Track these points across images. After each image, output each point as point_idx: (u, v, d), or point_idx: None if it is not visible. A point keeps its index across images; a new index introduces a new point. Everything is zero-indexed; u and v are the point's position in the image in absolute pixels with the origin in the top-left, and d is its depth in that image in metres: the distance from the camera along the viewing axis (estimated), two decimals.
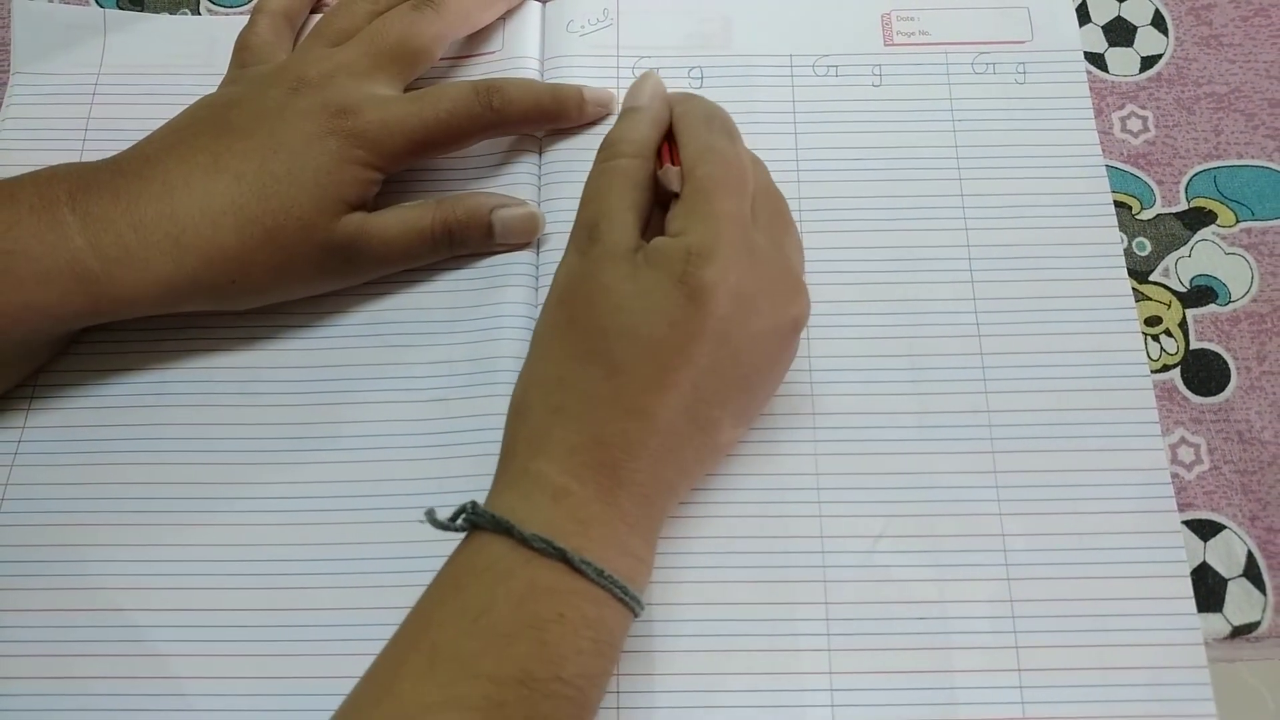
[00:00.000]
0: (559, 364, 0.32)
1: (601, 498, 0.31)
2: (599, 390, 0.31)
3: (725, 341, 0.32)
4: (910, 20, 0.44)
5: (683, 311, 0.31)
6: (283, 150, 0.37)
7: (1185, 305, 0.40)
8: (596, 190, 0.35)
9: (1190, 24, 0.45)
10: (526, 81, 0.41)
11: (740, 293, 0.32)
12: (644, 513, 0.32)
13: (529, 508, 0.30)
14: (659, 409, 0.31)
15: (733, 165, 0.34)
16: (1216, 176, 0.42)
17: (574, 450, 0.31)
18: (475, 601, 0.29)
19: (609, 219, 0.33)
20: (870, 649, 0.35)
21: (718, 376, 0.32)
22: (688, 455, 0.32)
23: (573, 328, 0.33)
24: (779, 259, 0.34)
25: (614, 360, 0.31)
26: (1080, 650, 0.35)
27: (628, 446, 0.31)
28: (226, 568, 0.36)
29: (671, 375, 0.31)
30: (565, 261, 0.34)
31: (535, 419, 0.32)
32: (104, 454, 0.38)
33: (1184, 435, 0.39)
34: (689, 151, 0.34)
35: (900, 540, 0.36)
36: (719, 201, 0.33)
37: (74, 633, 0.36)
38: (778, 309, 0.33)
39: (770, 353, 0.34)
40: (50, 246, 0.34)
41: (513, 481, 0.32)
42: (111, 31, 0.45)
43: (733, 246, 0.32)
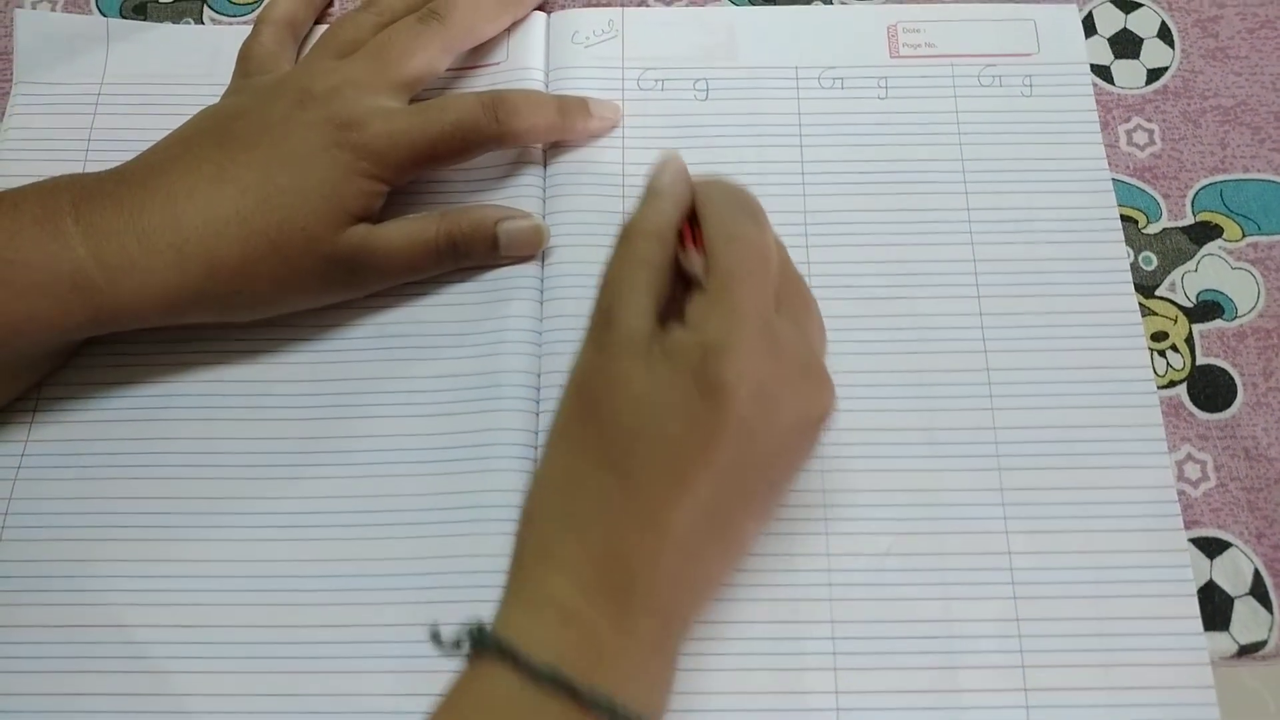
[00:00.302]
0: (571, 466, 0.31)
1: (615, 618, 0.29)
2: (612, 498, 0.30)
3: (747, 442, 0.30)
4: (916, 32, 0.44)
5: (700, 412, 0.29)
6: (288, 162, 0.36)
7: (1192, 320, 0.40)
8: (613, 276, 0.33)
9: (1196, 36, 0.45)
10: (532, 93, 0.41)
11: (762, 390, 0.30)
12: (663, 629, 0.30)
13: (538, 631, 0.29)
14: (676, 518, 0.29)
15: (758, 253, 0.32)
16: (1223, 190, 0.42)
17: (587, 565, 0.29)
18: None
19: (625, 306, 0.32)
20: (877, 668, 0.35)
21: (740, 479, 0.30)
22: (709, 563, 0.31)
23: (586, 426, 0.31)
24: (803, 350, 0.32)
25: (628, 465, 0.30)
26: (1086, 670, 0.35)
27: (644, 560, 0.29)
28: (230, 583, 0.36)
29: (689, 480, 0.29)
30: (581, 351, 0.33)
31: (546, 527, 0.31)
32: (108, 468, 0.38)
33: (1190, 452, 0.38)
34: (713, 237, 0.32)
35: (907, 558, 0.36)
36: (740, 293, 0.31)
37: (77, 649, 0.35)
38: (802, 404, 0.31)
39: (795, 449, 0.32)
40: (53, 256, 0.34)
41: (521, 599, 0.30)
42: (115, 41, 0.44)
43: (753, 341, 0.30)
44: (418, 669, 0.35)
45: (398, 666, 0.35)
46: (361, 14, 0.41)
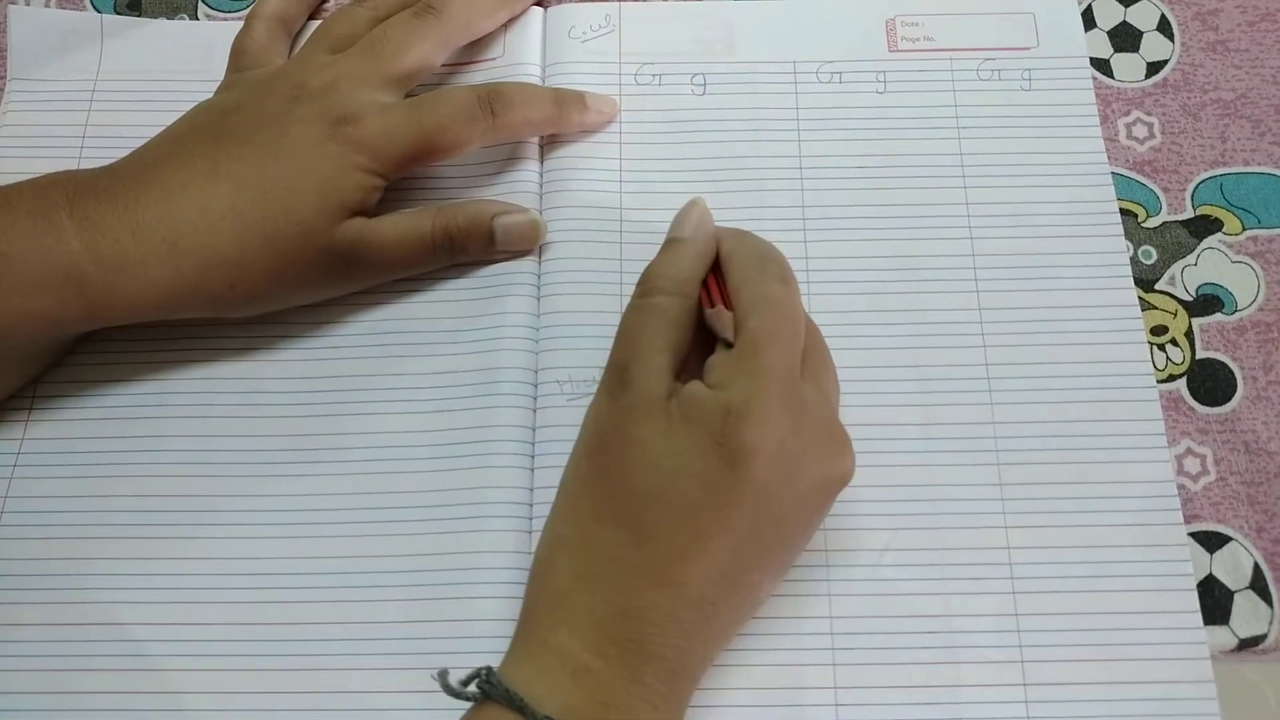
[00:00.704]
0: (585, 524, 0.31)
1: (625, 677, 0.29)
2: (627, 557, 0.30)
3: (765, 506, 0.30)
4: (915, 26, 0.44)
5: (719, 476, 0.29)
6: (283, 156, 0.36)
7: (1191, 314, 0.40)
8: (631, 329, 0.33)
9: (1196, 29, 0.45)
10: (528, 86, 0.41)
11: (783, 455, 0.30)
12: (671, 689, 0.30)
13: (546, 684, 0.29)
14: (692, 579, 0.29)
15: (787, 317, 0.32)
16: (1223, 184, 0.42)
17: (599, 623, 0.29)
18: None
19: (641, 362, 0.32)
20: (876, 663, 0.35)
21: (757, 542, 0.30)
22: (723, 622, 0.31)
23: (602, 484, 0.31)
24: (825, 414, 0.32)
25: (644, 525, 0.30)
26: (1086, 664, 0.35)
27: (657, 620, 0.29)
28: (226, 580, 0.36)
29: (706, 543, 0.29)
30: (595, 405, 0.33)
31: (558, 583, 0.31)
32: (104, 465, 0.38)
33: (1190, 446, 0.38)
34: (741, 298, 0.32)
35: (905, 553, 0.36)
36: (768, 356, 0.31)
37: (73, 646, 0.35)
38: (822, 468, 0.31)
39: (813, 510, 0.32)
40: (47, 250, 0.34)
41: (532, 652, 0.30)
42: (109, 37, 0.44)
43: (777, 406, 0.30)
44: (414, 666, 0.35)
45: (394, 664, 0.35)
46: (356, 8, 0.41)
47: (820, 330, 0.35)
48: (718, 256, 0.34)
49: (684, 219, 0.35)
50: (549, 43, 0.43)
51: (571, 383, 0.38)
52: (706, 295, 0.34)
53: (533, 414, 0.38)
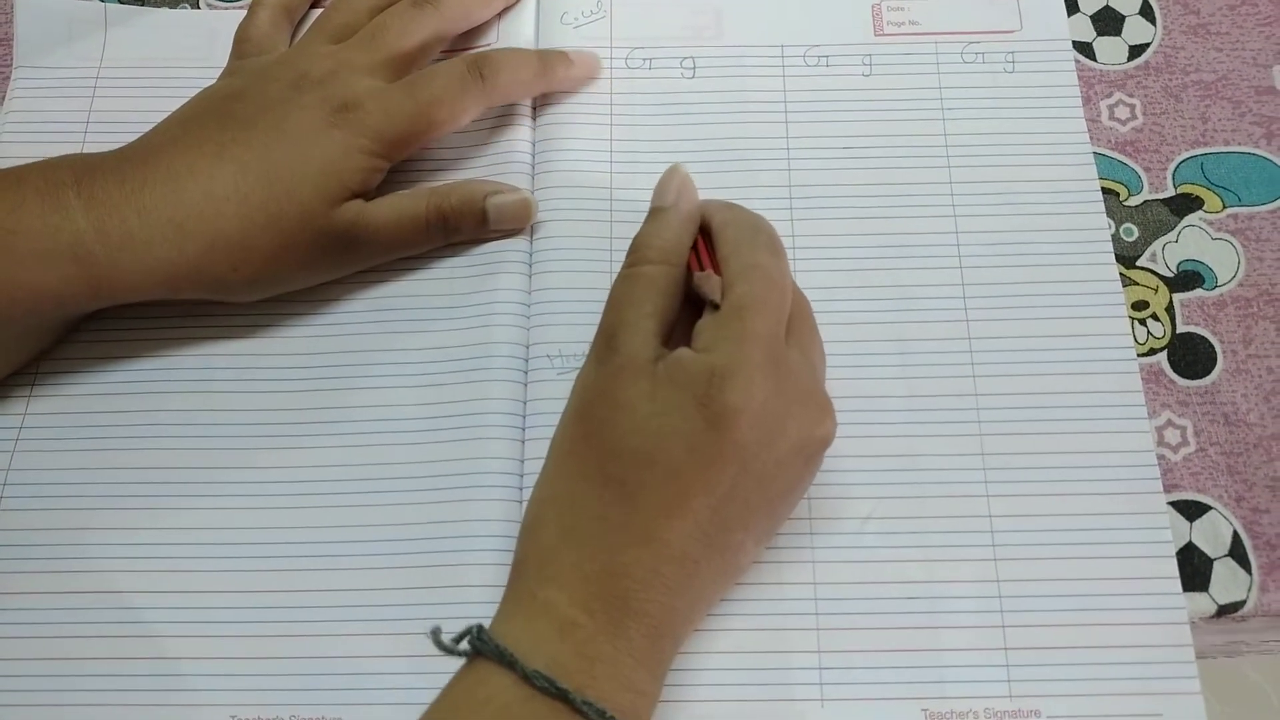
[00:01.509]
0: (573, 482, 0.32)
1: (610, 631, 0.30)
2: (612, 515, 0.30)
3: (748, 467, 0.31)
4: (900, 10, 0.45)
5: (702, 436, 0.30)
6: (286, 141, 0.37)
7: (1172, 290, 0.41)
8: (619, 297, 0.34)
9: (1178, 13, 0.45)
10: (514, 50, 0.42)
11: (765, 417, 0.31)
12: (653, 646, 0.30)
13: (534, 639, 0.30)
14: (674, 537, 0.30)
15: (775, 284, 0.33)
16: (1204, 163, 0.43)
17: (585, 579, 0.30)
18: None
19: (629, 328, 0.32)
20: (858, 628, 0.35)
21: (740, 502, 0.31)
22: (705, 582, 0.32)
23: (589, 445, 0.32)
24: (808, 377, 0.33)
25: (629, 484, 0.30)
26: (1067, 630, 0.35)
27: (640, 577, 0.30)
28: (226, 550, 0.37)
29: (689, 502, 0.30)
30: (583, 371, 0.34)
31: (547, 540, 0.31)
32: (105, 440, 0.39)
33: (1171, 418, 0.39)
34: (730, 266, 0.33)
35: (888, 522, 0.37)
36: (754, 321, 0.31)
37: (75, 615, 0.36)
38: (804, 430, 0.32)
39: (795, 473, 0.33)
40: (54, 228, 0.35)
41: (521, 607, 0.31)
42: (113, 26, 0.45)
43: (760, 368, 0.31)
44: (409, 631, 0.35)
45: (388, 629, 0.36)
46: None
47: (808, 301, 0.35)
48: (706, 224, 0.35)
49: (665, 187, 0.35)
50: (542, 28, 0.44)
51: (561, 357, 0.39)
52: (695, 260, 0.34)
53: (524, 388, 0.39)
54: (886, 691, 0.35)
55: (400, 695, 0.35)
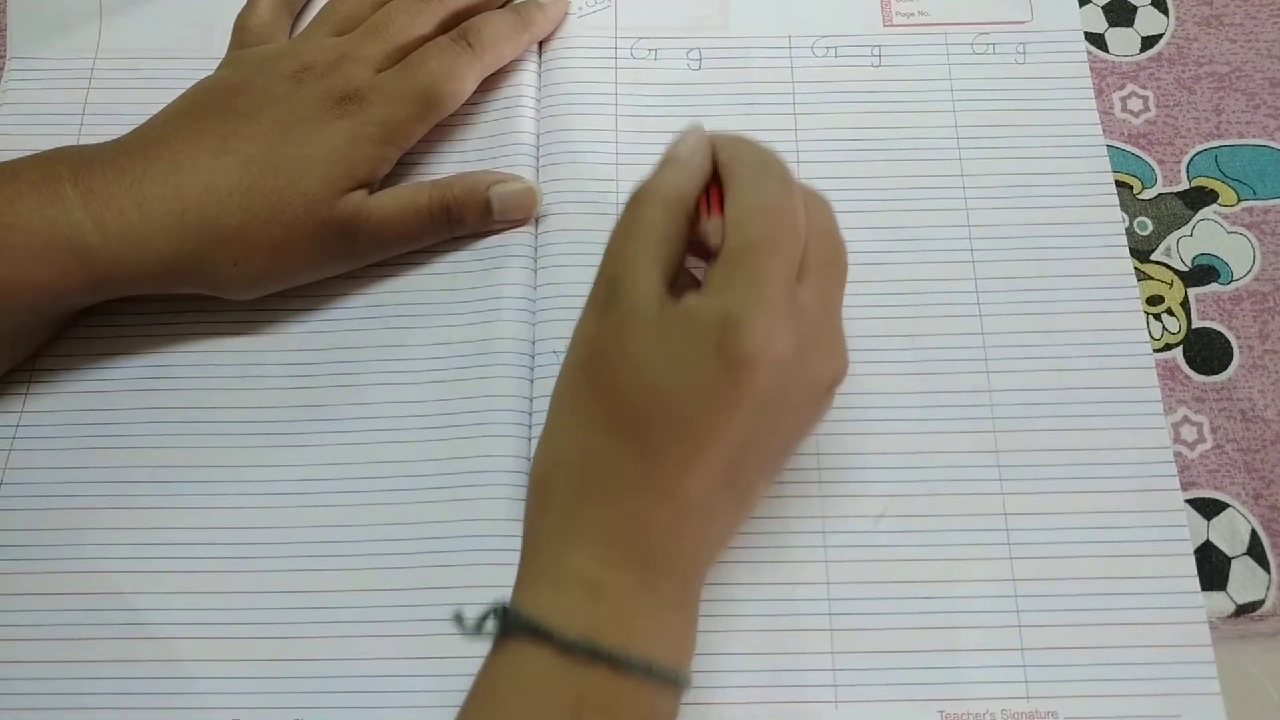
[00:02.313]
0: (584, 438, 0.30)
1: (640, 587, 0.29)
2: (629, 469, 0.29)
3: (763, 413, 0.29)
4: (909, 0, 0.44)
5: (717, 384, 0.29)
6: (292, 134, 0.37)
7: (1187, 284, 0.40)
8: (618, 244, 0.32)
9: (1191, 4, 0.45)
10: (491, 14, 0.42)
11: (781, 363, 0.29)
12: (683, 590, 0.30)
13: (565, 607, 0.28)
14: (693, 488, 0.29)
15: (785, 220, 0.31)
16: (1218, 156, 0.42)
17: (607, 538, 0.29)
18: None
19: (631, 276, 0.31)
20: (873, 629, 0.35)
21: (755, 448, 0.30)
22: (722, 523, 0.31)
23: (596, 397, 0.30)
24: (823, 317, 0.31)
25: (644, 435, 0.29)
26: (1084, 629, 0.35)
27: (664, 528, 0.29)
28: (227, 550, 0.36)
29: (707, 452, 0.29)
30: (583, 321, 0.32)
31: (562, 502, 0.30)
32: (103, 437, 0.38)
33: (1186, 414, 0.38)
34: (737, 202, 0.31)
35: (902, 520, 0.36)
36: (765, 262, 0.30)
37: (75, 616, 0.35)
38: (818, 371, 0.31)
39: (808, 413, 0.32)
40: (51, 221, 0.34)
41: (544, 576, 0.30)
42: (108, 15, 0.44)
43: (776, 312, 0.29)
44: (416, 633, 0.35)
45: (396, 630, 0.35)
46: None
47: (831, 215, 0.33)
48: (716, 168, 0.33)
49: (681, 140, 0.33)
50: None
51: None
52: (706, 205, 0.32)
53: (530, 384, 0.38)
54: (901, 693, 0.34)
55: (408, 698, 0.34)
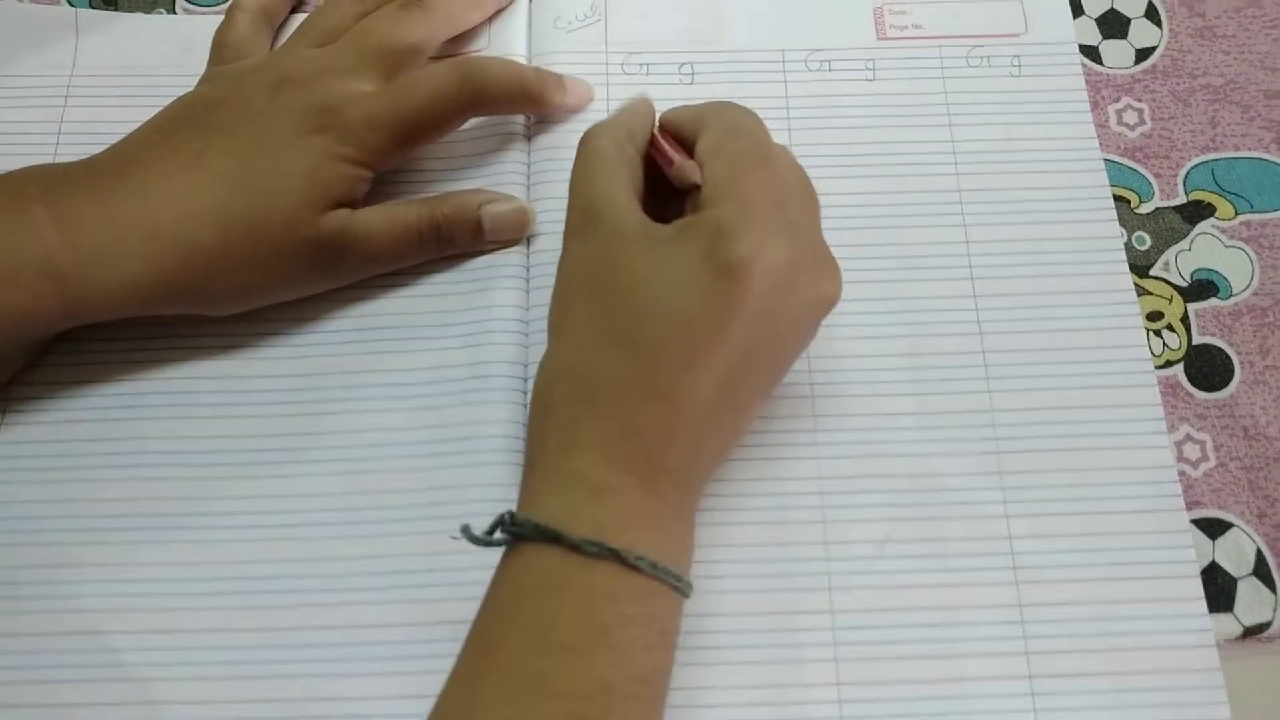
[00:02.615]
0: (581, 350, 0.31)
1: (642, 488, 0.29)
2: (626, 373, 0.30)
3: (761, 321, 0.30)
4: (903, 14, 0.43)
5: (713, 288, 0.29)
6: (268, 148, 0.36)
7: (1186, 299, 0.40)
8: (580, 178, 0.33)
9: (1183, 15, 0.45)
10: (506, 61, 0.41)
11: (775, 269, 0.30)
12: (682, 497, 0.31)
13: (571, 509, 0.29)
14: (690, 392, 0.30)
15: (760, 140, 0.33)
16: (1214, 169, 0.42)
17: (608, 442, 0.30)
18: (538, 618, 0.28)
19: (603, 199, 0.32)
20: (878, 657, 0.34)
21: (753, 357, 0.30)
22: (720, 432, 0.31)
23: (592, 310, 0.31)
24: (812, 234, 0.33)
25: (640, 340, 0.30)
26: (1091, 655, 0.34)
27: (661, 433, 0.30)
28: (210, 586, 0.35)
29: (703, 356, 0.29)
30: (566, 250, 0.33)
31: (563, 412, 0.31)
32: (81, 469, 0.37)
33: (1189, 432, 0.38)
34: (714, 132, 0.33)
35: (906, 544, 0.36)
36: (752, 177, 0.31)
37: (50, 657, 0.34)
38: (814, 286, 0.32)
39: (804, 329, 0.33)
40: (21, 245, 0.33)
41: (548, 482, 0.30)
42: (84, 32, 0.43)
43: (767, 221, 0.30)
44: (407, 670, 0.34)
45: (386, 669, 0.34)
46: (344, 2, 0.40)
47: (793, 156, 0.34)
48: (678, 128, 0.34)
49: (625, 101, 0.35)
50: (534, 33, 0.43)
51: None
52: (664, 156, 0.34)
53: (523, 409, 0.37)
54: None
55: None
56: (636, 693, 0.28)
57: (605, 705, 0.27)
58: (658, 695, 0.29)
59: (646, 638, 0.29)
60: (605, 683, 0.27)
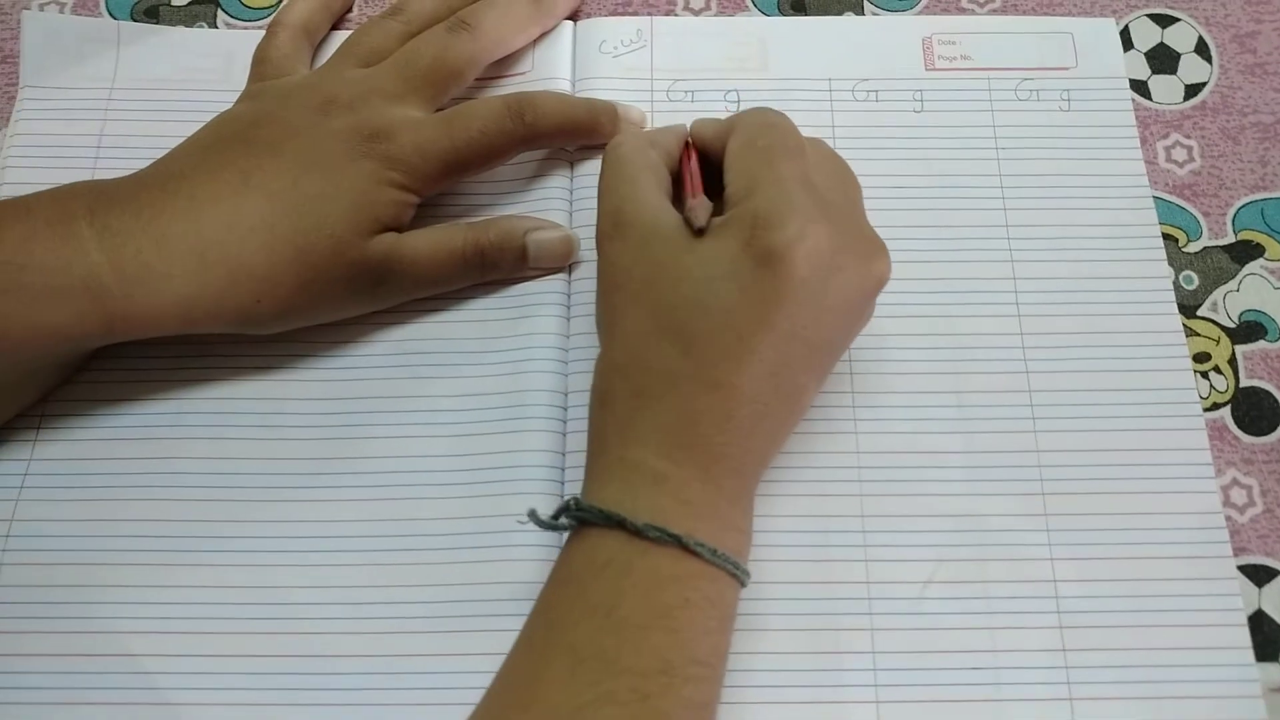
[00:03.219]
0: (632, 346, 0.32)
1: (700, 477, 0.30)
2: (678, 367, 0.30)
3: (806, 305, 0.31)
4: (952, 44, 0.43)
5: (754, 276, 0.30)
6: (315, 170, 0.35)
7: (1234, 341, 0.39)
8: (608, 184, 0.34)
9: (1234, 51, 0.44)
10: (558, 95, 0.40)
11: (818, 253, 0.30)
12: (739, 485, 0.31)
13: (633, 497, 0.30)
14: (740, 380, 0.30)
15: (791, 135, 0.33)
16: (1264, 208, 0.41)
17: (665, 432, 0.30)
18: (603, 598, 0.29)
19: (633, 200, 0.33)
20: (920, 700, 0.34)
21: (802, 342, 0.31)
22: (775, 424, 0.32)
23: (639, 308, 0.32)
24: (854, 216, 0.33)
25: (689, 333, 0.31)
26: (1136, 702, 0.34)
27: (715, 422, 0.30)
28: (244, 610, 0.35)
29: (749, 343, 0.30)
30: (602, 256, 0.33)
31: (620, 406, 0.31)
32: (115, 488, 0.36)
33: (1236, 476, 0.37)
34: (743, 132, 0.33)
35: (949, 586, 0.35)
36: (783, 165, 0.32)
37: (82, 679, 0.34)
38: (859, 268, 0.32)
39: (854, 314, 0.33)
40: (66, 261, 0.33)
41: (609, 471, 0.31)
42: (125, 45, 0.43)
43: (804, 207, 0.31)
44: (445, 701, 0.33)
45: (420, 699, 0.33)
46: (388, 21, 0.40)
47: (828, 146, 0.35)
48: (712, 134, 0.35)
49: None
50: (579, 57, 0.42)
51: None
52: (689, 183, 0.34)
53: (563, 438, 0.37)
54: None
55: None
56: (696, 673, 0.29)
57: (665, 684, 0.28)
58: (716, 678, 0.30)
59: (705, 621, 0.29)
60: (666, 661, 0.28)
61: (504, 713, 0.29)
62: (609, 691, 0.28)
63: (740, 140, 0.33)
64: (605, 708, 0.27)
